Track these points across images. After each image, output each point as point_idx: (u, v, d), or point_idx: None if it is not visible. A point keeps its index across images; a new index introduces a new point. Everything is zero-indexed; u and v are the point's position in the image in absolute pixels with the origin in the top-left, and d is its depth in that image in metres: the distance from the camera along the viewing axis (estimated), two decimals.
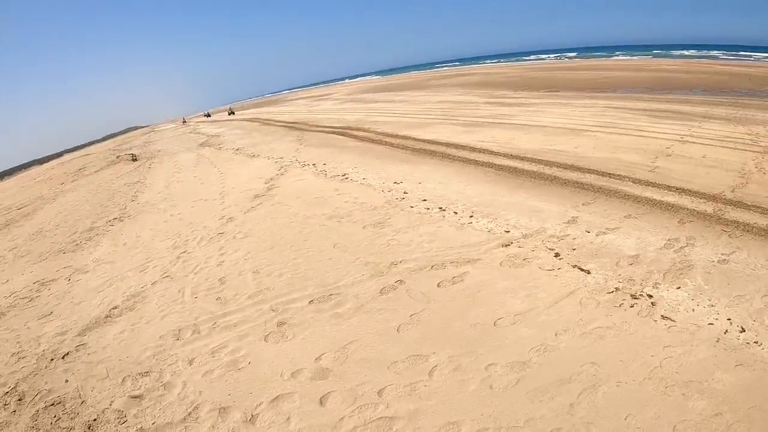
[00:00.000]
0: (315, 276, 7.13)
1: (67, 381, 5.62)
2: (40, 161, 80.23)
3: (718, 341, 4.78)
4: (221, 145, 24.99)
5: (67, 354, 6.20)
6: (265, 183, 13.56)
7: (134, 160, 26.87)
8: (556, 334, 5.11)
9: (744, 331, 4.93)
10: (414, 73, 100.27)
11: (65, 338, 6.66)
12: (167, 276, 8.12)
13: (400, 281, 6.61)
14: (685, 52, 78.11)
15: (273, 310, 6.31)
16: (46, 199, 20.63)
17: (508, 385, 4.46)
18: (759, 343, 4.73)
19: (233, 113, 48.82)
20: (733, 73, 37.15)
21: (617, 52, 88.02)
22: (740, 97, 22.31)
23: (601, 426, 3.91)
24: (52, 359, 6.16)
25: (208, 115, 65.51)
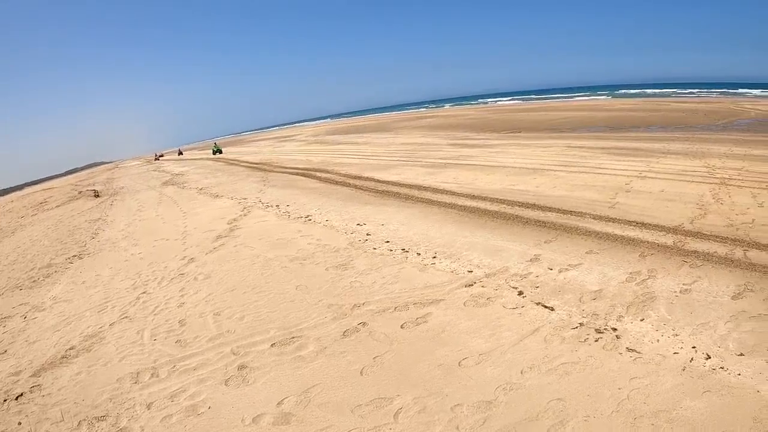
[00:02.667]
0: (277, 318, 7.09)
1: (20, 423, 5.41)
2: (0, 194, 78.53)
3: (684, 370, 4.90)
4: (185, 184, 24.92)
5: (21, 395, 6.00)
6: (228, 224, 13.53)
7: (97, 196, 26.60)
8: (521, 372, 5.15)
9: (709, 357, 5.07)
10: (378, 116, 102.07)
11: (19, 378, 6.45)
12: (126, 317, 7.97)
13: (363, 323, 6.62)
14: (643, 91, 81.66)
15: (234, 354, 6.23)
16: (4, 232, 20.44)
17: (475, 425, 4.45)
18: (725, 369, 4.86)
19: (220, 152, 49.15)
20: (687, 109, 39.00)
21: (576, 94, 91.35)
22: (695, 132, 23.40)
23: None
24: (4, 400, 5.95)
25: (180, 153, 65.90)
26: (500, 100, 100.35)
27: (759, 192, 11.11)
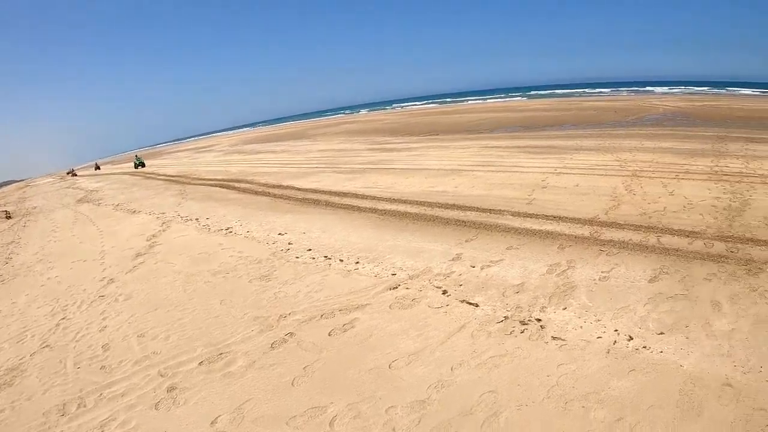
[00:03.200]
0: (203, 335, 6.92)
1: None
2: None
3: (608, 352, 5.19)
4: (100, 201, 23.79)
5: None
6: (147, 240, 13.06)
7: (8, 217, 24.73)
8: (452, 369, 5.27)
9: (632, 339, 5.41)
10: (297, 123, 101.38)
11: None
12: (47, 346, 7.51)
13: (291, 334, 6.57)
14: (553, 92, 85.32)
15: (162, 375, 6.02)
16: None
17: (411, 425, 4.51)
18: (647, 348, 5.21)
19: (143, 164, 45.41)
20: (599, 107, 41.05)
21: (490, 96, 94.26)
22: (607, 129, 24.72)
23: None
24: None
25: (97, 168, 61.80)
26: (416, 104, 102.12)
27: (669, 181, 11.89)
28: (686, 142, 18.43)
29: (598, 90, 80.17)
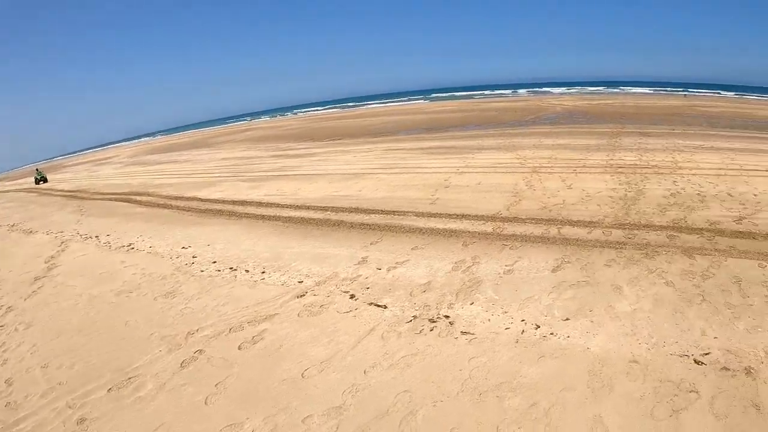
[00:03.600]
0: (110, 360, 6.61)
1: None
2: None
3: (517, 342, 5.43)
4: None
5: None
6: (45, 262, 12.26)
7: None
8: (365, 372, 5.33)
9: (539, 327, 5.70)
10: (199, 131, 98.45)
11: None
12: None
13: (200, 351, 6.41)
14: (452, 94, 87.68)
15: (70, 407, 5.70)
16: None
17: None
18: (554, 334, 5.52)
19: (45, 180, 40.90)
20: (499, 108, 42.59)
21: (391, 100, 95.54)
22: (507, 128, 25.68)
23: None
24: None
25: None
26: (317, 109, 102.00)
27: (567, 176, 12.53)
28: (583, 138, 19.50)
29: (497, 91, 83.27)
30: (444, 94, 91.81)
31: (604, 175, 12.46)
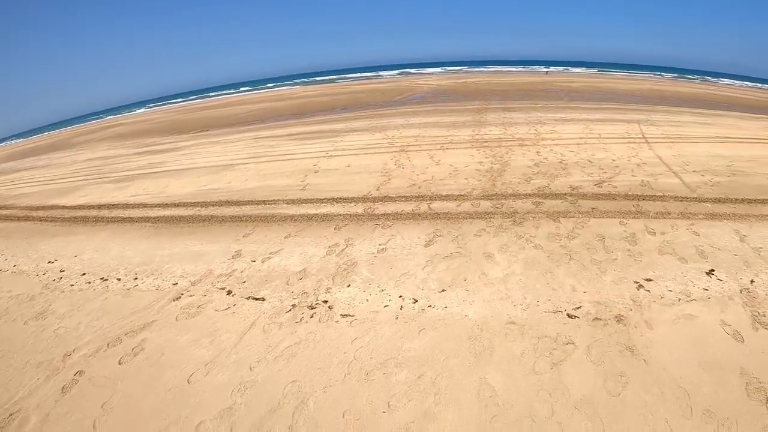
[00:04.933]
0: None
1: None
2: None
3: (397, 318, 5.61)
4: None
5: None
6: None
7: None
8: (250, 368, 5.28)
9: (416, 301, 5.91)
10: (58, 131, 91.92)
11: None
12: None
13: (80, 372, 6.03)
14: (325, 78, 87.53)
15: None
16: None
17: None
18: (432, 306, 5.76)
19: None
20: (368, 90, 43.01)
21: (239, 90, 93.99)
22: (376, 110, 25.99)
23: None
24: None
25: None
26: (180, 101, 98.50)
27: (435, 153, 12.91)
28: (449, 116, 20.17)
29: (366, 74, 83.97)
30: (311, 79, 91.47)
31: (470, 150, 12.97)
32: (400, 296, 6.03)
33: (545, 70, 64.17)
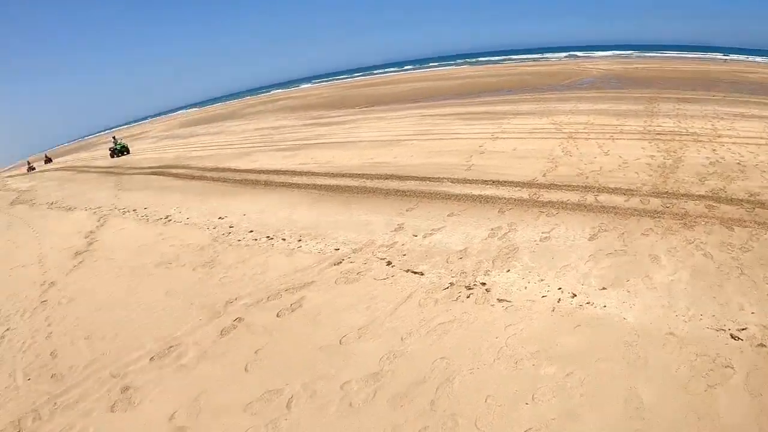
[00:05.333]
0: (151, 330, 6.73)
1: None
2: None
3: (554, 310, 5.37)
4: (34, 201, 22.55)
5: None
6: (86, 237, 12.49)
7: None
8: (402, 339, 5.33)
9: (575, 295, 5.60)
10: (232, 102, 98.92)
11: None
12: None
13: (239, 319, 6.49)
14: (491, 59, 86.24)
15: (114, 376, 5.82)
16: None
17: (367, 398, 4.56)
18: (591, 303, 5.42)
19: (126, 150, 36.90)
20: (534, 72, 41.81)
21: (414, 66, 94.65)
22: (543, 93, 25.21)
23: (464, 414, 4.15)
24: None
25: (48, 161, 54.83)
26: (345, 77, 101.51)
27: (604, 142, 12.27)
28: (620, 103, 19.08)
29: (533, 55, 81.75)
30: (475, 59, 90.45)
31: (641, 141, 12.18)
32: (559, 288, 5.78)
33: (723, 58, 58.55)
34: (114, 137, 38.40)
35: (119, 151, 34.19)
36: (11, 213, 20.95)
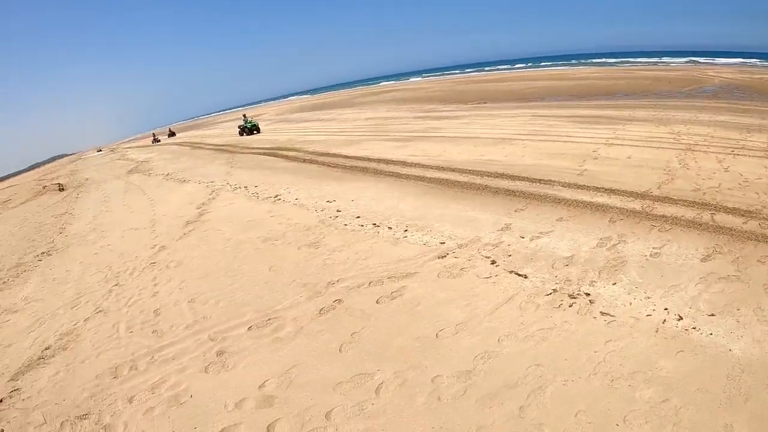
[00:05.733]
0: (252, 301, 7.06)
1: (2, 430, 5.30)
2: None
3: (657, 331, 5.10)
4: (151, 171, 24.36)
5: (0, 401, 5.80)
6: (197, 208, 13.33)
7: (61, 189, 25.50)
8: (498, 340, 5.28)
9: (681, 318, 5.29)
10: (343, 91, 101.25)
11: None
12: (100, 311, 7.77)
13: (339, 300, 6.66)
14: (607, 60, 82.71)
15: (212, 340, 6.19)
16: None
17: (456, 395, 4.56)
18: (697, 329, 5.09)
19: (257, 129, 37.53)
20: (652, 77, 39.72)
21: (527, 65, 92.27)
22: (661, 100, 23.91)
23: (552, 425, 4.06)
24: None
25: (172, 134, 57.74)
26: (454, 73, 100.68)
27: (724, 157, 11.47)
28: (743, 116, 17.70)
29: (654, 59, 77.56)
30: (588, 60, 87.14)
31: (765, 159, 11.28)
32: (666, 309, 5.48)
33: None
34: (244, 115, 39.28)
35: (249, 129, 34.44)
36: (129, 180, 22.51)
